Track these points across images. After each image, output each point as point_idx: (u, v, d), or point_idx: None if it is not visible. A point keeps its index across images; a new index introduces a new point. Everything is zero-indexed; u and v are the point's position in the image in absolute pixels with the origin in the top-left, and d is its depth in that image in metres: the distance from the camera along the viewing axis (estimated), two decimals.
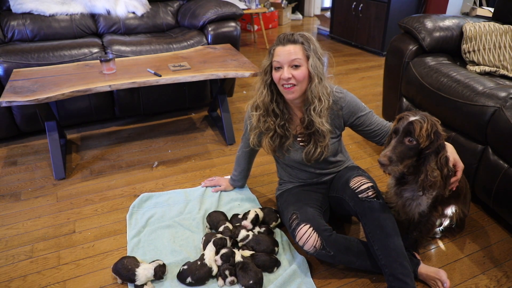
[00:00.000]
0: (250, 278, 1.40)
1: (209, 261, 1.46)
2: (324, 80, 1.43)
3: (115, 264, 1.46)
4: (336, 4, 4.81)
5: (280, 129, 1.52)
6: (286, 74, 1.38)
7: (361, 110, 1.52)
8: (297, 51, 1.38)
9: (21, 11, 2.69)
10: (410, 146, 1.24)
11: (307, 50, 1.39)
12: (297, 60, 1.37)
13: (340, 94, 1.51)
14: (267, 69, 1.46)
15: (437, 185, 1.25)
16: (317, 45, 1.42)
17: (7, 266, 1.55)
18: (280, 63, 1.39)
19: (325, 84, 1.43)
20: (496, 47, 2.13)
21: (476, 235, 1.71)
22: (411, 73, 2.17)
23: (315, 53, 1.40)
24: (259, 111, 1.52)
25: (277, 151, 1.59)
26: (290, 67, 1.38)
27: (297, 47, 1.38)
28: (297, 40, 1.39)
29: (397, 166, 1.24)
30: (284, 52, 1.38)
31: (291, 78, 1.38)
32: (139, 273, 1.41)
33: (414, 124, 1.23)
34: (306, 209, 1.49)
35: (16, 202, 1.93)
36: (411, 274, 1.33)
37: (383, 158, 1.24)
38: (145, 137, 2.57)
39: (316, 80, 1.40)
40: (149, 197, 1.93)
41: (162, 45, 2.61)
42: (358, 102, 1.53)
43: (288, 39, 1.39)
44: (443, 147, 1.25)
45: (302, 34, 1.41)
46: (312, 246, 1.39)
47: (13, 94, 1.85)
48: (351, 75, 3.75)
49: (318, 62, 1.40)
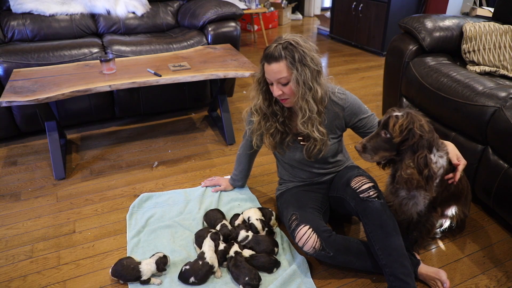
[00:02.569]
0: (245, 275, 1.41)
1: (210, 259, 1.46)
2: (315, 86, 1.39)
3: (114, 268, 1.45)
4: (336, 4, 4.81)
5: (281, 125, 1.54)
6: (276, 92, 1.41)
7: (363, 113, 1.54)
8: (281, 70, 1.36)
9: (21, 11, 2.69)
10: (385, 139, 1.30)
11: (292, 64, 1.35)
12: (283, 79, 1.38)
13: (342, 95, 1.51)
14: (260, 80, 1.48)
15: (413, 184, 1.27)
16: (305, 50, 1.35)
17: (7, 266, 1.55)
18: (269, 80, 1.42)
19: (316, 89, 1.40)
20: (496, 47, 2.13)
21: (476, 235, 1.71)
22: (411, 73, 2.17)
23: (301, 63, 1.35)
24: (258, 116, 1.55)
25: (277, 147, 1.60)
26: (278, 83, 1.40)
27: (281, 64, 1.35)
28: (280, 56, 1.34)
29: (371, 156, 1.33)
30: (270, 71, 1.39)
31: (282, 94, 1.41)
32: (143, 269, 1.43)
33: (390, 118, 1.28)
34: (306, 210, 1.49)
35: (16, 202, 1.93)
36: (411, 274, 1.33)
37: (359, 145, 1.35)
38: (145, 137, 2.57)
39: (301, 92, 1.39)
40: (149, 197, 1.93)
41: (162, 45, 2.61)
42: (360, 105, 1.54)
43: (271, 55, 1.36)
44: (421, 147, 1.26)
45: (285, 46, 1.34)
46: (311, 247, 1.39)
47: (13, 94, 1.85)
48: (351, 75, 3.75)
49: (305, 72, 1.36)
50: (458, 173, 1.37)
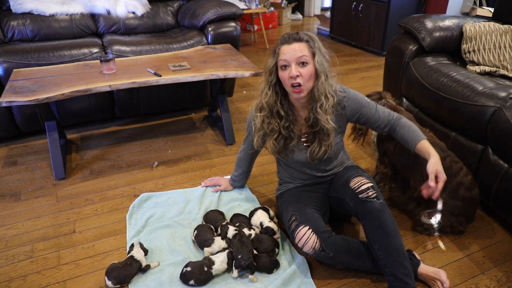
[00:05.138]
0: (244, 253, 1.45)
1: (219, 266, 1.46)
2: (330, 77, 1.43)
3: (110, 273, 1.43)
4: (336, 4, 4.81)
5: (285, 130, 1.52)
6: (294, 71, 1.37)
7: (363, 106, 1.52)
8: (303, 49, 1.38)
9: (21, 11, 2.69)
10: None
11: (312, 47, 1.39)
12: (304, 57, 1.37)
13: (343, 93, 1.50)
14: (272, 70, 1.45)
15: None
16: (320, 44, 1.43)
17: (7, 266, 1.55)
18: (287, 61, 1.38)
19: (330, 82, 1.43)
20: (496, 47, 2.13)
21: (476, 235, 1.71)
22: (411, 73, 2.17)
23: (320, 51, 1.40)
24: (264, 112, 1.51)
25: (281, 153, 1.59)
26: (297, 64, 1.38)
27: (303, 44, 1.38)
28: (303, 38, 1.39)
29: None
30: (290, 50, 1.37)
31: (299, 76, 1.37)
32: (138, 257, 1.47)
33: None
34: (306, 211, 1.49)
35: (16, 202, 1.93)
36: (411, 274, 1.33)
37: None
38: (145, 137, 2.57)
39: (323, 77, 1.40)
40: (149, 197, 1.93)
41: (162, 45, 2.61)
42: (360, 99, 1.52)
43: (293, 37, 1.39)
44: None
45: (306, 33, 1.41)
46: (311, 247, 1.39)
47: (13, 94, 1.85)
48: (351, 75, 3.75)
49: (324, 59, 1.41)
50: (437, 192, 1.34)
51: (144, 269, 1.48)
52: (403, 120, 1.53)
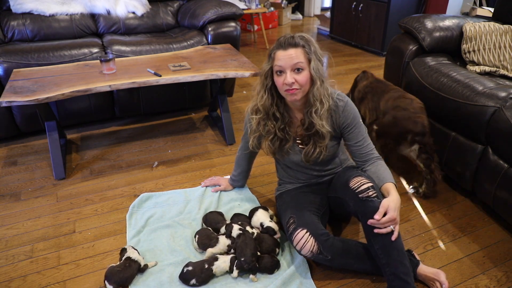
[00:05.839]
0: (247, 256, 1.44)
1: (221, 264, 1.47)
2: (325, 81, 1.43)
3: (111, 278, 1.42)
4: (336, 4, 4.81)
5: (280, 132, 1.51)
6: (289, 79, 1.35)
7: (356, 123, 1.49)
8: (298, 55, 1.36)
9: (21, 11, 2.69)
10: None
11: (308, 53, 1.37)
12: (300, 64, 1.36)
13: (341, 102, 1.48)
14: (267, 73, 1.44)
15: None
16: (317, 47, 1.40)
17: (7, 266, 1.55)
18: (282, 67, 1.37)
19: (326, 86, 1.43)
20: (496, 47, 2.13)
21: (476, 235, 1.71)
22: (411, 73, 2.17)
23: (316, 55, 1.38)
24: (259, 115, 1.51)
25: (277, 154, 1.59)
26: (292, 71, 1.37)
27: (299, 50, 1.36)
28: (298, 43, 1.37)
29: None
30: (286, 56, 1.36)
31: (294, 83, 1.36)
32: (135, 257, 1.47)
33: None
34: (304, 213, 1.48)
35: (16, 202, 1.93)
36: (411, 273, 1.33)
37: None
38: (145, 137, 2.57)
39: (318, 83, 1.39)
40: (149, 197, 1.93)
41: (162, 45, 2.61)
42: (356, 114, 1.49)
43: (289, 42, 1.37)
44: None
45: (302, 36, 1.39)
46: (309, 250, 1.39)
47: (13, 94, 1.85)
48: (351, 75, 3.74)
49: (319, 64, 1.39)
50: (380, 226, 1.30)
51: (143, 269, 1.48)
52: (382, 161, 1.52)
